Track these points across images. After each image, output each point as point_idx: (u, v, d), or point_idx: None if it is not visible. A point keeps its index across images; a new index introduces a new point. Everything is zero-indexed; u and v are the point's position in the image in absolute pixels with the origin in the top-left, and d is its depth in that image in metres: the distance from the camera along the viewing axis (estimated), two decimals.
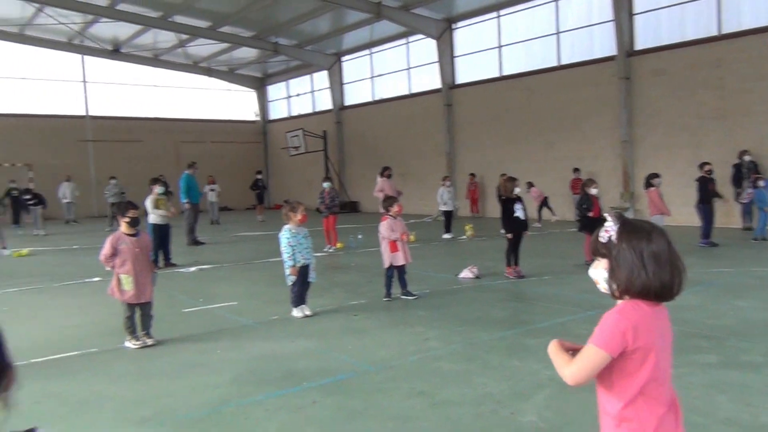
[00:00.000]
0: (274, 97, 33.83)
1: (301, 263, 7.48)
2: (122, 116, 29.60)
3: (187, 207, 15.37)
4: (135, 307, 6.44)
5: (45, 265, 13.03)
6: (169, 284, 9.71)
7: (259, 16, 23.39)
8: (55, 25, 24.32)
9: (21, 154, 26.43)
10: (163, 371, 5.67)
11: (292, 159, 28.65)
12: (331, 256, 13.04)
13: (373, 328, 6.98)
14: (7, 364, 1.28)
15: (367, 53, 26.90)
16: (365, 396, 4.84)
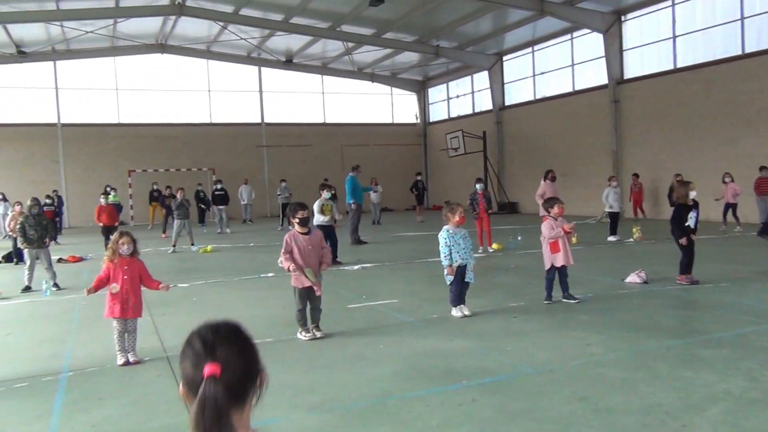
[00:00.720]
0: (434, 100, 34.27)
1: (458, 263, 7.56)
2: (293, 122, 31.57)
3: (353, 207, 16.06)
4: (307, 301, 6.89)
5: (226, 261, 14.26)
6: (334, 281, 10.23)
7: (421, 20, 23.85)
8: (236, 40, 26.53)
9: (205, 160, 29.15)
10: (330, 362, 6.03)
11: (451, 160, 28.85)
12: (490, 258, 13.00)
13: (533, 330, 6.90)
14: (261, 368, 1.53)
15: (529, 51, 26.40)
16: (525, 397, 4.82)
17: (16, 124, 26.95)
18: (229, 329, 1.54)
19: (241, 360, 1.50)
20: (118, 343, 6.20)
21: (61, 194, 25.54)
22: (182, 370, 1.51)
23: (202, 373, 1.43)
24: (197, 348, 1.48)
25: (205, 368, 1.43)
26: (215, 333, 1.51)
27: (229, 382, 1.44)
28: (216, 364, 1.44)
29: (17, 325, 8.34)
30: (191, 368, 1.47)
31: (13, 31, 23.62)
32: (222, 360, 1.45)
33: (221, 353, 1.47)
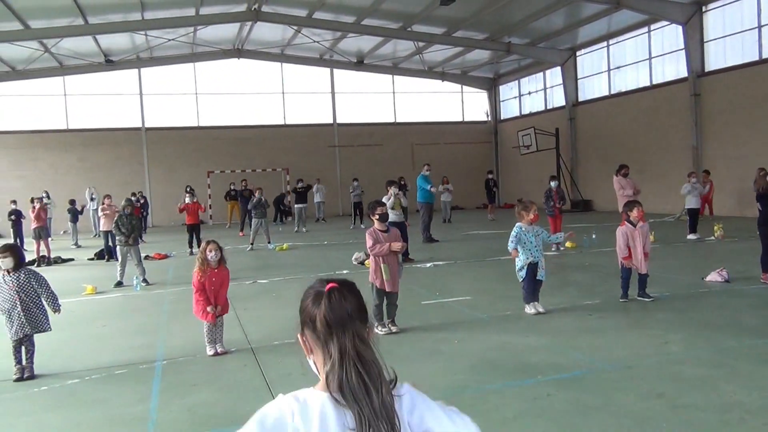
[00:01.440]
0: (505, 97, 33.97)
1: (530, 260, 7.59)
2: (364, 122, 31.98)
3: (423, 206, 16.17)
4: (384, 297, 7.10)
5: (301, 259, 14.68)
6: (408, 278, 10.39)
7: (492, 17, 23.72)
8: (309, 43, 27.15)
9: (279, 160, 29.96)
10: (406, 356, 6.21)
11: (523, 158, 28.55)
12: (563, 255, 12.88)
13: (608, 328, 6.87)
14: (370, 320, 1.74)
15: (604, 45, 25.81)
16: (601, 393, 4.86)
17: (104, 129, 28.49)
18: (346, 281, 1.73)
19: (356, 299, 1.67)
20: (208, 335, 6.59)
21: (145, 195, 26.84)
22: (303, 311, 1.68)
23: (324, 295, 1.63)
24: (316, 286, 1.68)
25: (327, 287, 1.64)
26: (335, 279, 1.71)
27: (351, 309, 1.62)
28: (335, 283, 1.65)
29: (111, 318, 8.93)
30: (312, 303, 1.65)
31: (101, 41, 24.98)
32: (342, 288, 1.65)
33: (341, 285, 1.67)
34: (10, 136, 27.35)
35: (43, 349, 6.56)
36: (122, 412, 5.02)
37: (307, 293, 1.70)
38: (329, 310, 1.60)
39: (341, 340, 1.58)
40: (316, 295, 1.66)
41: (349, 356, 1.56)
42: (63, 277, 13.31)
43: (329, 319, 1.59)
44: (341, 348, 1.57)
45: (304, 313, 1.68)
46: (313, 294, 1.67)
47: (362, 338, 1.60)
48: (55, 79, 27.79)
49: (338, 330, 1.58)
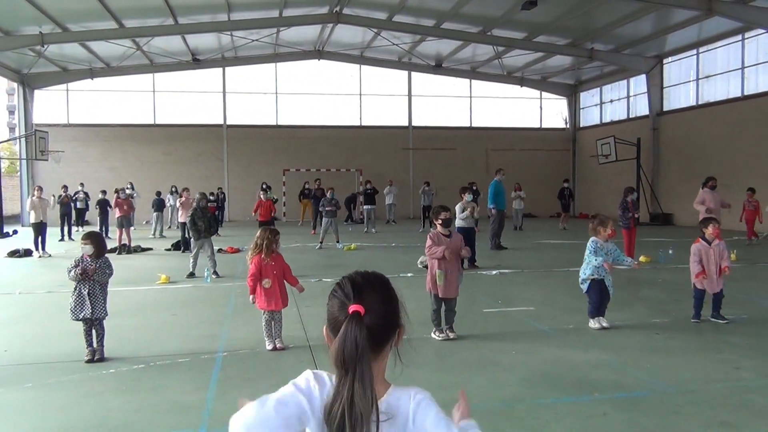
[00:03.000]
0: (585, 104, 33.10)
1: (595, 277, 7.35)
2: (440, 126, 31.91)
3: (493, 212, 15.94)
4: (442, 302, 7.06)
5: (368, 259, 14.79)
6: (471, 285, 10.31)
7: (576, 23, 23.17)
8: (388, 46, 27.34)
9: (353, 161, 30.32)
10: (462, 363, 6.15)
11: (601, 167, 27.72)
12: (635, 270, 12.39)
13: (675, 348, 6.58)
14: (401, 323, 1.73)
15: (693, 53, 24.74)
16: (660, 416, 4.66)
17: (188, 125, 29.67)
18: (377, 278, 1.72)
19: (383, 307, 1.65)
20: (266, 330, 6.74)
21: (224, 190, 27.80)
22: (328, 310, 1.68)
23: (347, 312, 1.60)
24: (346, 289, 1.65)
25: (350, 307, 1.60)
26: (364, 278, 1.69)
27: (370, 324, 1.60)
28: (361, 306, 1.60)
29: (181, 307, 9.27)
30: (337, 307, 1.64)
31: (190, 41, 26.02)
32: (367, 303, 1.62)
33: (367, 297, 1.63)
34: (103, 129, 28.89)
35: (115, 334, 6.89)
36: (180, 399, 5.20)
37: (336, 293, 1.68)
38: (341, 344, 1.57)
39: (342, 378, 1.57)
40: (341, 305, 1.64)
41: (342, 399, 1.55)
42: (140, 265, 13.96)
43: (338, 354, 1.57)
44: (337, 391, 1.57)
45: (329, 315, 1.68)
46: (338, 302, 1.66)
47: (366, 381, 1.55)
48: (145, 76, 29.19)
49: (342, 369, 1.56)
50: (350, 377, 1.55)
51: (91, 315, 6.26)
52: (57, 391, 5.46)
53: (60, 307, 8.68)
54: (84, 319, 6.28)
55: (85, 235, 6.47)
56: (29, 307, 9.35)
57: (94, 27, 22.62)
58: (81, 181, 25.10)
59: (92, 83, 28.62)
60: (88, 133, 28.77)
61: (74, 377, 5.82)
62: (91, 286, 6.27)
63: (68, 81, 28.54)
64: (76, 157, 28.22)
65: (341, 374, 1.56)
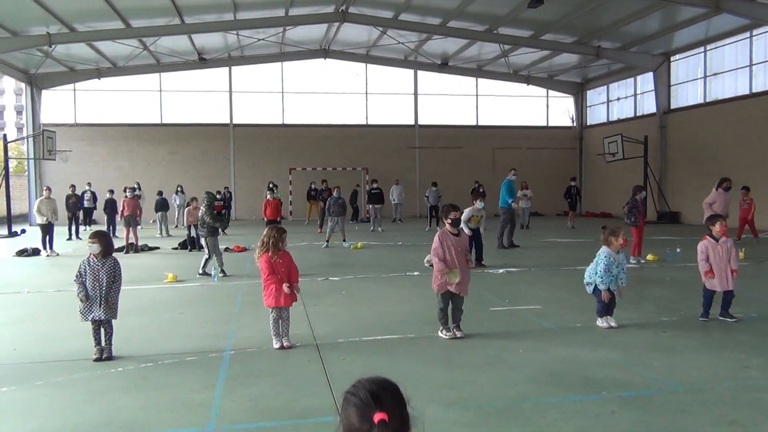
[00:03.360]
0: (592, 102, 32.99)
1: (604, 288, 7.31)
2: (446, 124, 31.87)
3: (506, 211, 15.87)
4: (449, 301, 7.05)
5: (375, 258, 14.79)
6: (478, 283, 10.29)
7: (582, 21, 23.09)
8: (394, 44, 27.32)
9: (359, 160, 30.31)
10: (469, 362, 6.14)
11: (608, 166, 27.63)
12: (642, 269, 12.38)
13: (683, 347, 6.56)
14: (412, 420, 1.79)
15: (701, 51, 24.63)
16: (668, 415, 4.64)
17: (194, 124, 29.73)
18: (390, 384, 1.79)
19: (401, 411, 1.74)
20: (273, 328, 6.75)
21: (230, 189, 27.84)
22: (344, 419, 1.74)
23: (371, 420, 1.67)
24: (366, 399, 1.72)
25: (375, 416, 1.67)
26: (378, 386, 1.76)
27: (394, 428, 1.69)
28: (384, 413, 1.68)
29: (189, 306, 9.30)
30: (357, 417, 1.70)
31: (196, 40, 26.06)
32: (388, 410, 1.70)
33: (387, 404, 1.71)
34: (110, 129, 28.99)
35: (123, 333, 6.92)
36: (188, 398, 5.21)
37: (351, 403, 1.73)
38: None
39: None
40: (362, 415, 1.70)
41: None
42: (147, 264, 14.00)
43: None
44: None
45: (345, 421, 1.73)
46: (358, 412, 1.71)
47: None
48: (151, 76, 29.27)
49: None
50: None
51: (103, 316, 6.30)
52: (65, 389, 5.49)
53: (68, 306, 8.73)
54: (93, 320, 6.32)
55: (93, 234, 6.50)
56: (37, 306, 9.39)
57: (101, 27, 22.70)
58: (88, 180, 25.19)
59: (99, 83, 28.71)
60: (95, 133, 28.87)
61: (82, 375, 5.84)
62: (100, 286, 6.29)
63: (75, 81, 28.64)
64: (84, 157, 28.33)
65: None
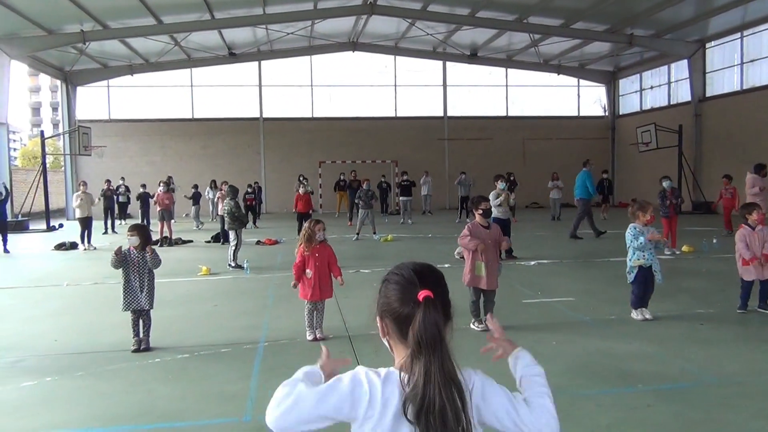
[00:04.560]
0: (625, 91, 32.46)
1: (642, 263, 7.24)
2: (475, 116, 31.67)
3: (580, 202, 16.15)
4: (481, 293, 7.03)
5: (405, 250, 14.80)
6: (510, 275, 10.25)
7: (614, 8, 22.69)
8: (423, 36, 27.21)
9: (388, 152, 30.29)
10: None
11: (641, 155, 27.18)
12: (678, 260, 12.18)
13: (721, 339, 6.45)
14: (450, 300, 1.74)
15: (737, 37, 24.04)
16: (706, 408, 4.58)
17: (225, 119, 30.05)
18: (431, 265, 1.78)
19: (443, 290, 1.72)
20: (308, 319, 6.82)
21: (260, 184, 28.04)
22: (384, 298, 1.72)
23: (415, 297, 1.64)
24: (410, 277, 1.70)
25: (421, 293, 1.64)
26: (422, 266, 1.75)
27: (441, 305, 1.67)
28: (430, 291, 1.65)
29: (223, 298, 9.43)
30: (398, 295, 1.68)
31: (226, 35, 26.31)
32: (432, 287, 1.67)
33: (429, 281, 1.69)
34: (143, 124, 29.45)
35: (160, 325, 7.05)
36: (224, 389, 5.30)
37: (393, 281, 1.72)
38: (423, 328, 1.60)
39: (429, 363, 1.59)
40: (403, 293, 1.67)
41: (435, 383, 1.58)
42: (181, 257, 14.23)
43: (421, 338, 1.60)
44: (427, 372, 1.58)
45: (386, 306, 1.71)
46: (400, 289, 1.69)
47: (449, 358, 1.62)
48: (183, 71, 29.64)
49: (428, 351, 1.60)
50: (437, 358, 1.59)
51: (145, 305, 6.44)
52: (106, 379, 5.62)
53: (106, 299, 8.93)
54: (134, 310, 6.46)
55: (132, 228, 6.63)
56: (76, 299, 9.62)
57: (133, 24, 23.03)
58: (122, 175, 25.64)
59: (132, 79, 29.18)
60: (128, 129, 29.36)
61: (122, 366, 5.98)
62: (141, 278, 6.43)
63: (109, 77, 29.14)
64: (118, 152, 28.86)
65: (426, 358, 1.59)
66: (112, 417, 4.74)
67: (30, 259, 14.86)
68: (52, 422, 4.68)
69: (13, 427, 4.61)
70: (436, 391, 1.56)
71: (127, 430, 4.55)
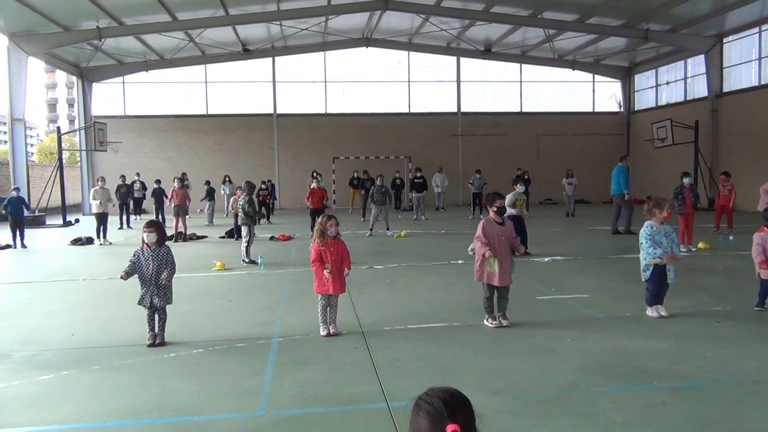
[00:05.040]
0: (640, 87, 32.18)
1: (657, 262, 7.18)
2: (489, 111, 31.55)
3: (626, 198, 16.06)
4: (494, 290, 7.02)
5: (418, 246, 14.78)
6: (523, 272, 10.20)
7: (630, 3, 22.48)
8: (436, 32, 27.13)
9: (402, 148, 30.26)
10: (516, 351, 6.11)
11: (657, 151, 26.96)
12: (694, 257, 12.08)
13: (738, 337, 6.39)
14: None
15: (756, 31, 23.75)
16: (722, 406, 4.55)
17: (239, 115, 30.13)
18: (462, 396, 1.78)
19: (471, 426, 1.73)
20: (322, 315, 6.84)
21: (274, 180, 28.12)
22: (415, 424, 1.74)
23: (443, 430, 1.67)
24: (439, 407, 1.71)
25: (448, 427, 1.67)
26: (452, 397, 1.75)
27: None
28: (457, 425, 1.67)
29: (237, 294, 9.48)
30: (429, 423, 1.70)
31: (240, 32, 26.37)
32: (460, 421, 1.69)
33: (459, 416, 1.71)
34: (158, 120, 29.62)
35: (175, 320, 7.11)
36: (239, 384, 5.33)
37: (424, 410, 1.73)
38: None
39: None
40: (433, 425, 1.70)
41: None
42: (196, 252, 14.31)
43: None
44: None
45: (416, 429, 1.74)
46: (431, 420, 1.71)
47: None
48: (197, 68, 29.76)
49: None
50: None
51: (156, 303, 6.49)
52: (122, 373, 5.68)
53: (121, 293, 9.01)
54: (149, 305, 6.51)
55: (149, 224, 6.63)
56: (93, 293, 9.71)
57: (148, 20, 23.16)
58: (137, 171, 25.82)
59: (147, 75, 29.35)
60: (143, 124, 29.55)
61: (138, 360, 6.03)
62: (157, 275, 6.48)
63: (124, 73, 29.32)
64: (133, 148, 29.06)
65: None
66: (128, 411, 4.79)
67: (47, 254, 15.02)
68: (69, 416, 4.73)
69: (31, 420, 4.66)
70: None
71: (142, 424, 4.58)
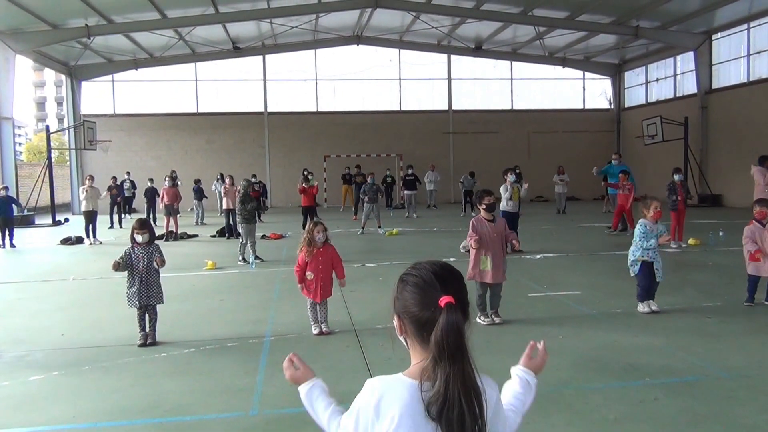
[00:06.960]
0: (630, 84, 32.31)
1: (645, 259, 7.20)
2: (480, 109, 31.59)
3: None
4: (487, 287, 7.02)
5: (410, 244, 14.78)
6: (515, 269, 10.22)
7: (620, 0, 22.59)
8: (427, 29, 27.12)
9: (393, 146, 30.24)
10: (508, 348, 6.11)
11: (647, 148, 27.08)
12: (684, 253, 12.14)
13: (728, 333, 6.43)
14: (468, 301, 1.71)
15: (744, 28, 23.88)
16: (714, 402, 4.57)
17: (230, 113, 30.03)
18: (453, 268, 1.72)
19: (464, 296, 1.67)
20: (311, 314, 6.82)
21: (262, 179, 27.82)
22: (402, 301, 1.69)
23: (436, 303, 1.61)
24: (430, 281, 1.66)
25: (443, 299, 1.61)
26: (443, 269, 1.70)
27: (461, 309, 1.63)
28: (452, 296, 1.62)
29: (228, 293, 9.45)
30: (418, 299, 1.65)
31: (230, 29, 26.26)
32: (453, 292, 1.63)
33: (451, 285, 1.65)
34: (148, 118, 29.47)
35: (166, 319, 7.07)
36: (231, 383, 5.31)
37: (411, 283, 1.68)
38: (445, 335, 1.57)
39: (450, 370, 1.57)
40: (423, 297, 1.64)
41: (456, 390, 1.56)
42: (187, 252, 14.25)
43: (443, 346, 1.57)
44: (447, 378, 1.57)
45: (404, 308, 1.68)
46: (419, 292, 1.66)
47: (470, 364, 1.60)
48: (187, 66, 29.64)
49: (450, 357, 1.57)
50: (459, 363, 1.58)
51: (148, 301, 6.46)
52: (113, 373, 5.64)
53: (112, 293, 8.96)
54: (140, 305, 6.47)
55: (141, 225, 6.55)
56: (83, 293, 9.65)
57: (137, 18, 23.04)
58: (127, 169, 25.68)
59: (136, 74, 29.19)
60: (133, 123, 29.39)
61: (129, 360, 6.00)
62: (146, 274, 6.44)
63: (113, 72, 29.15)
64: (123, 147, 28.90)
65: (447, 362, 1.57)
66: (119, 411, 4.76)
67: (36, 254, 14.92)
68: (60, 416, 4.69)
69: (21, 421, 4.63)
70: (456, 397, 1.56)
71: (134, 424, 4.56)
